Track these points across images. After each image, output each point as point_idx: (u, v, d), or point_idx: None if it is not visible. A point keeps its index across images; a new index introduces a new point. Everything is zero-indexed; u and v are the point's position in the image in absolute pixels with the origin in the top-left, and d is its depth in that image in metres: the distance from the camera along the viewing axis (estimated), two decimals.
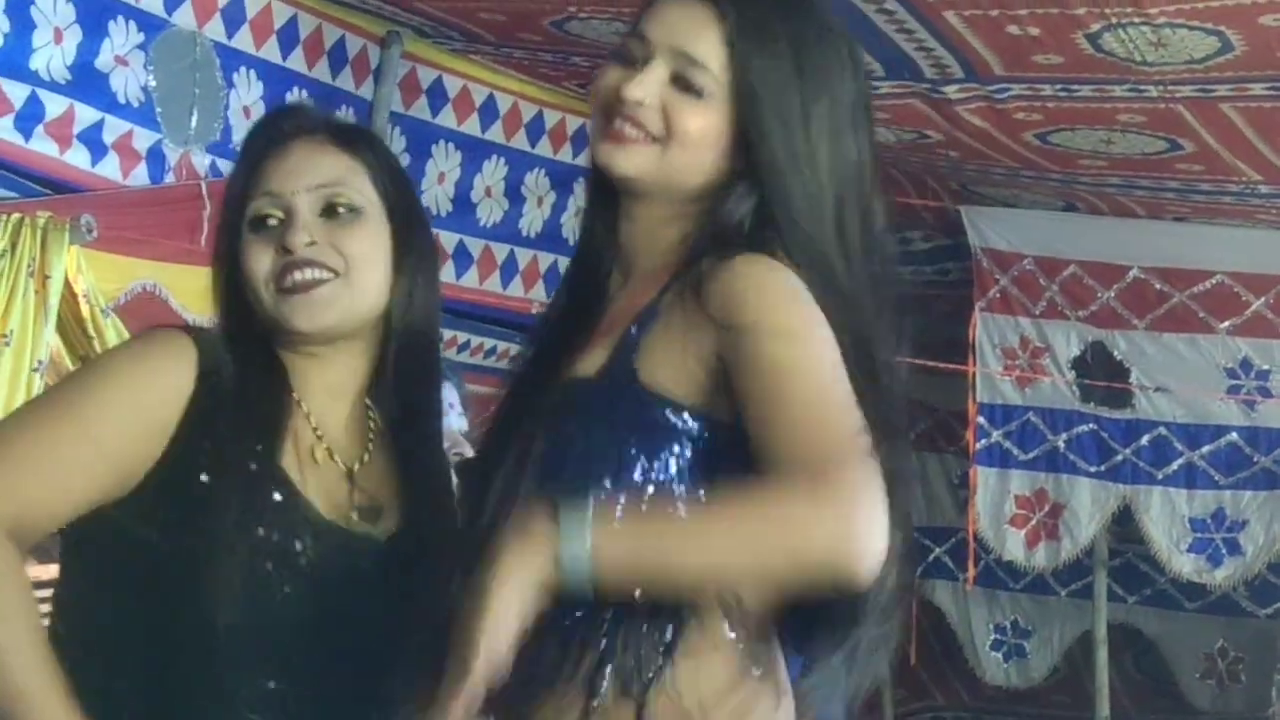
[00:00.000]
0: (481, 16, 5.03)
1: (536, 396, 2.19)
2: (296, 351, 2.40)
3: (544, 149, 5.95)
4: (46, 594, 2.34)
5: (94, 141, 4.30)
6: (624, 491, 2.02)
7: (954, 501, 8.61)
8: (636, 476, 2.05)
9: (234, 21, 4.71)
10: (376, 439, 2.46)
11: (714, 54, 2.17)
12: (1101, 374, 7.26)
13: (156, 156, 4.48)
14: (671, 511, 1.99)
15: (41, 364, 4.04)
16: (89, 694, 2.22)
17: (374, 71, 5.22)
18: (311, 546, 2.31)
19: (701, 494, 2.02)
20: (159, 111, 4.47)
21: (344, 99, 5.13)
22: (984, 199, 7.21)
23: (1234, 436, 7.13)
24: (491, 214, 5.87)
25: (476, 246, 5.79)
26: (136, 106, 4.41)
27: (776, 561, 1.92)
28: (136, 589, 2.26)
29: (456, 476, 2.52)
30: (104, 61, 4.30)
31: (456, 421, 4.64)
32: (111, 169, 4.37)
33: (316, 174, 2.40)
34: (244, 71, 4.77)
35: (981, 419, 7.29)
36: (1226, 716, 8.41)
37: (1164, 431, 7.19)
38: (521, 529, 1.93)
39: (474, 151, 5.72)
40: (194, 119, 4.59)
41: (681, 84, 2.18)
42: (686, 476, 2.06)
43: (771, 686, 2.09)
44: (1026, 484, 7.34)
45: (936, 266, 7.89)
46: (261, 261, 2.37)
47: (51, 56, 4.14)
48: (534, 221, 6.00)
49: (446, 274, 5.43)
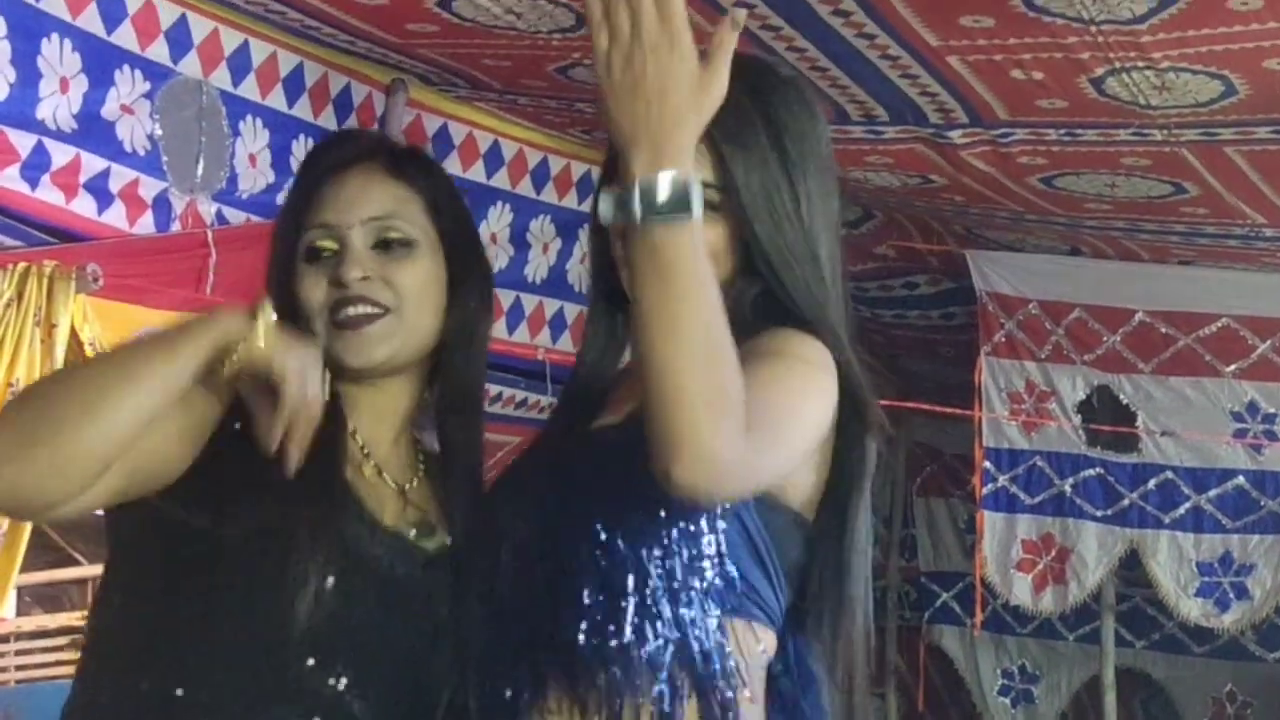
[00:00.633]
0: (486, 63, 5.04)
1: (560, 444, 2.30)
2: (346, 381, 2.42)
3: (549, 195, 5.96)
4: (49, 643, 2.34)
5: (100, 190, 4.30)
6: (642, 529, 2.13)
7: (961, 546, 8.63)
8: (652, 512, 2.13)
9: (240, 70, 4.72)
10: (425, 465, 2.49)
11: (710, 167, 2.25)
12: (1108, 418, 7.26)
13: (162, 205, 4.49)
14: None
15: None
16: (140, 690, 2.24)
17: (379, 119, 5.23)
18: (380, 553, 2.34)
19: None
20: (165, 160, 4.48)
21: None
22: (989, 243, 7.21)
23: (1241, 480, 7.12)
24: (497, 260, 5.86)
25: None
26: (143, 155, 4.41)
27: (687, 401, 1.92)
28: (197, 583, 2.26)
29: None
30: (110, 110, 4.30)
31: None
32: (117, 217, 4.37)
33: (370, 206, 2.43)
34: (250, 119, 4.77)
35: (988, 463, 7.28)
36: None
37: (1171, 475, 7.19)
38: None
39: (479, 198, 5.72)
40: (200, 167, 4.59)
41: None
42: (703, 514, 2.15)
43: None
44: (1033, 528, 7.33)
45: (942, 311, 7.91)
46: (316, 293, 2.40)
47: (58, 106, 4.14)
48: (539, 268, 6.01)
49: None
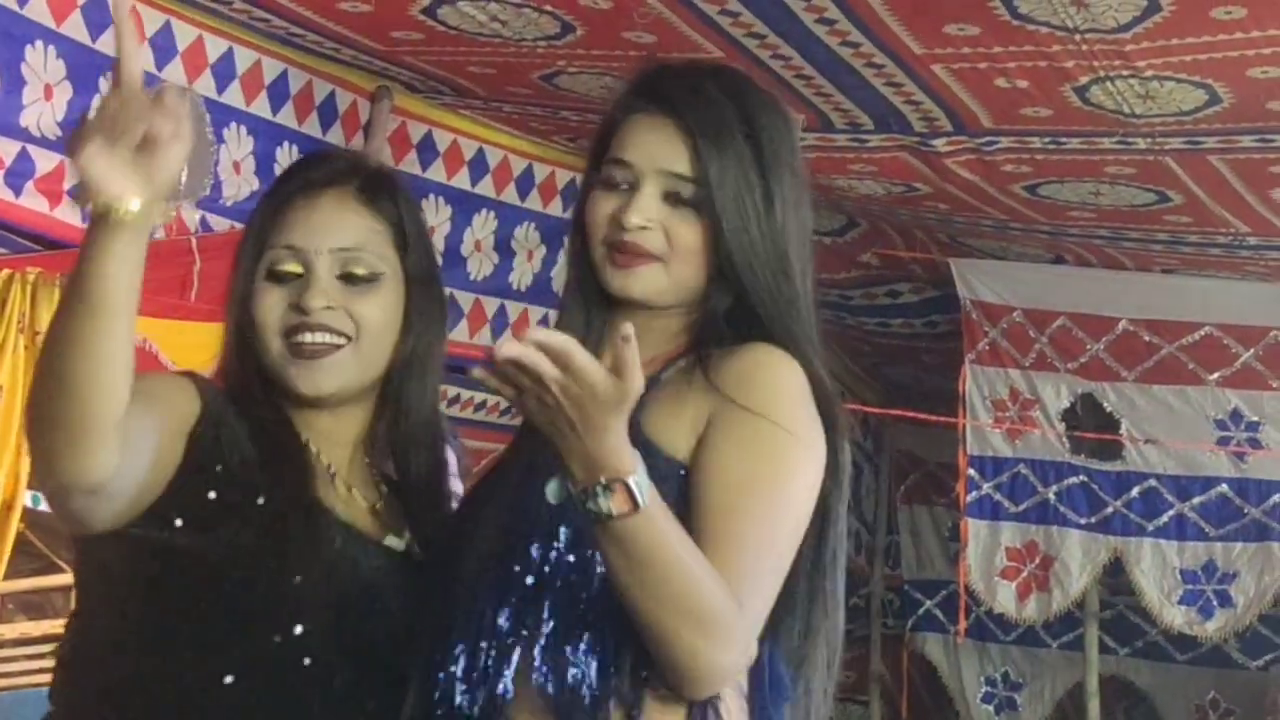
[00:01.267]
0: (471, 70, 5.04)
1: (528, 455, 2.28)
2: (299, 405, 2.43)
3: (534, 203, 5.96)
4: (33, 650, 2.34)
5: None
6: None
7: (945, 554, 8.62)
8: None
9: (224, 77, 4.72)
10: (386, 488, 2.50)
11: (693, 168, 2.30)
12: (1091, 426, 7.27)
13: None
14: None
15: None
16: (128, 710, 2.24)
17: (364, 126, 5.23)
18: (364, 558, 2.35)
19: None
20: None
21: None
22: (973, 251, 7.22)
23: (1224, 488, 7.13)
24: (481, 268, 5.87)
25: (467, 300, 5.79)
26: None
27: (673, 627, 2.04)
28: (181, 606, 2.26)
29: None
30: None
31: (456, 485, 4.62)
32: None
33: (340, 236, 2.43)
34: (234, 127, 4.77)
35: (972, 471, 7.29)
36: None
37: (1154, 483, 7.19)
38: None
39: (464, 205, 5.72)
40: (184, 174, 4.58)
41: (673, 200, 2.31)
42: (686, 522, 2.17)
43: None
44: (1017, 536, 7.34)
45: (925, 319, 7.91)
46: (274, 311, 2.40)
47: (42, 113, 4.13)
48: (524, 275, 6.00)
49: None
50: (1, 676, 9.00)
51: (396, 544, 2.42)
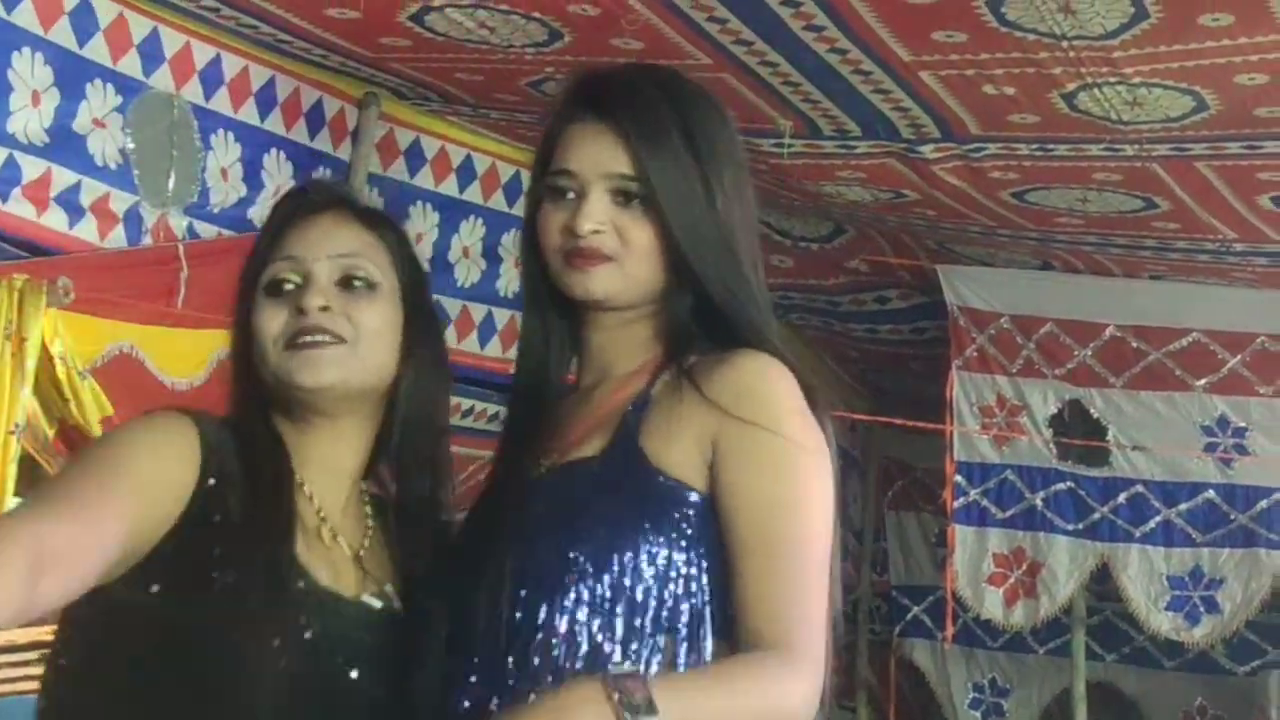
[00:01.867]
0: (459, 77, 5.04)
1: (521, 481, 2.34)
2: (299, 426, 2.42)
3: (521, 209, 5.95)
4: (18, 658, 2.33)
5: (71, 204, 4.29)
6: (635, 569, 2.21)
7: (932, 560, 8.62)
8: (648, 546, 2.22)
9: (211, 84, 4.71)
10: (375, 522, 2.48)
11: (634, 167, 2.34)
12: (1079, 432, 7.27)
13: (134, 219, 4.48)
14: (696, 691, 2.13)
15: (19, 426, 4.02)
16: None
17: (352, 133, 5.22)
18: (340, 624, 2.33)
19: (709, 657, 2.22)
20: (136, 174, 4.47)
21: (321, 160, 5.13)
22: (960, 258, 7.22)
23: (1211, 494, 7.14)
24: (469, 274, 5.87)
25: (454, 306, 5.79)
26: (114, 169, 4.40)
27: None
28: (153, 670, 2.24)
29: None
30: (81, 124, 4.29)
31: None
32: (89, 231, 4.35)
33: (338, 244, 2.44)
34: (222, 133, 4.77)
35: (959, 477, 7.29)
36: None
37: (1141, 489, 7.20)
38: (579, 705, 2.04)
39: (451, 212, 5.72)
40: (171, 181, 4.58)
41: (622, 200, 2.35)
42: (689, 544, 2.23)
43: None
44: (1004, 542, 7.33)
45: (913, 325, 7.92)
46: (274, 322, 2.39)
47: (29, 119, 4.13)
48: (511, 281, 6.00)
49: None
50: None
51: (373, 603, 2.40)
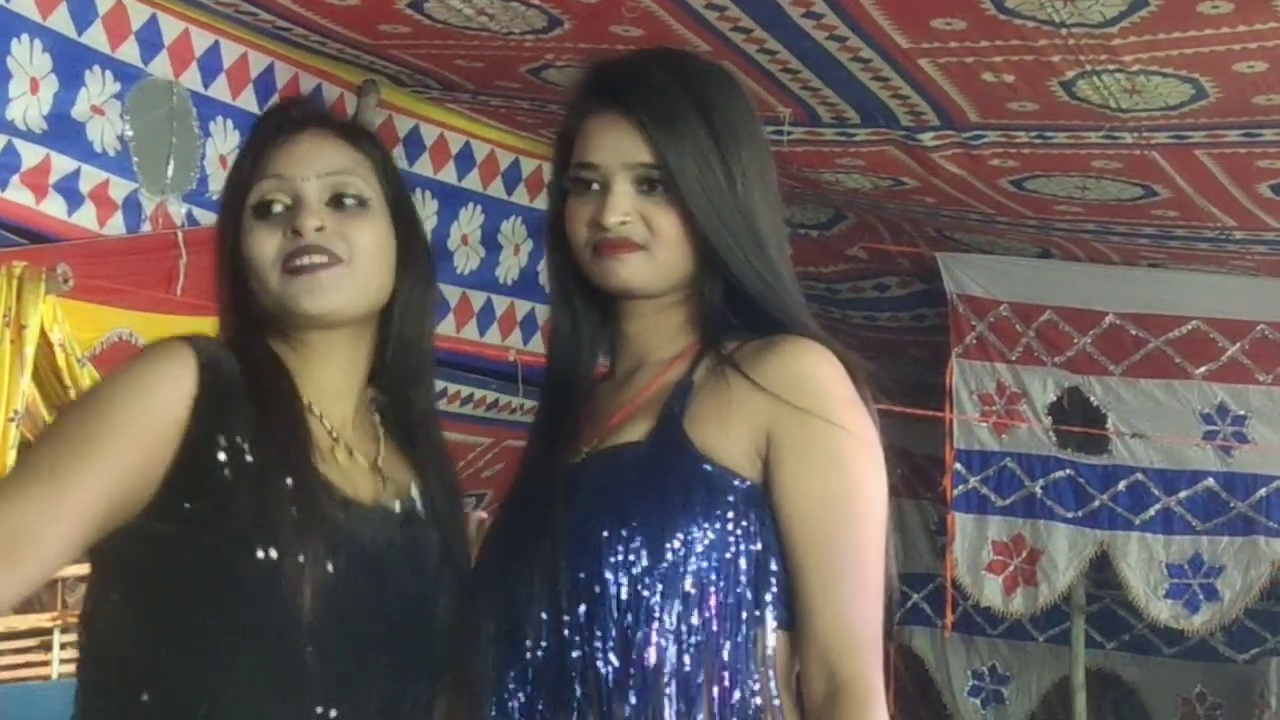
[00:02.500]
0: (458, 64, 5.04)
1: (559, 469, 2.33)
2: (296, 349, 2.40)
3: (520, 197, 5.96)
4: (20, 644, 2.32)
5: (70, 191, 4.29)
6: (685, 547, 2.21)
7: (931, 548, 8.62)
8: (696, 531, 2.21)
9: (210, 71, 4.71)
10: (385, 431, 2.48)
11: (654, 155, 2.33)
12: (1078, 420, 7.28)
13: (133, 206, 4.48)
14: None
15: (18, 413, 4.03)
16: (142, 702, 2.23)
17: (350, 120, 5.22)
18: (367, 532, 2.33)
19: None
20: (135, 161, 4.47)
21: None
22: (960, 245, 7.23)
23: (1210, 482, 7.14)
24: (468, 262, 5.87)
25: (453, 294, 5.79)
26: (113, 156, 4.40)
27: None
28: (189, 594, 2.24)
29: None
30: (80, 111, 4.29)
31: None
32: (88, 218, 4.35)
33: (326, 162, 2.41)
34: (220, 120, 4.76)
35: (959, 465, 7.30)
36: None
37: (1141, 477, 7.20)
38: None
39: (450, 199, 5.72)
40: (170, 168, 4.58)
41: (646, 188, 2.34)
42: (739, 530, 2.22)
43: None
44: (1004, 530, 7.35)
45: (913, 313, 7.92)
46: (268, 247, 2.36)
47: (27, 106, 4.13)
48: (510, 269, 6.00)
49: None
50: None
51: (394, 506, 2.40)
